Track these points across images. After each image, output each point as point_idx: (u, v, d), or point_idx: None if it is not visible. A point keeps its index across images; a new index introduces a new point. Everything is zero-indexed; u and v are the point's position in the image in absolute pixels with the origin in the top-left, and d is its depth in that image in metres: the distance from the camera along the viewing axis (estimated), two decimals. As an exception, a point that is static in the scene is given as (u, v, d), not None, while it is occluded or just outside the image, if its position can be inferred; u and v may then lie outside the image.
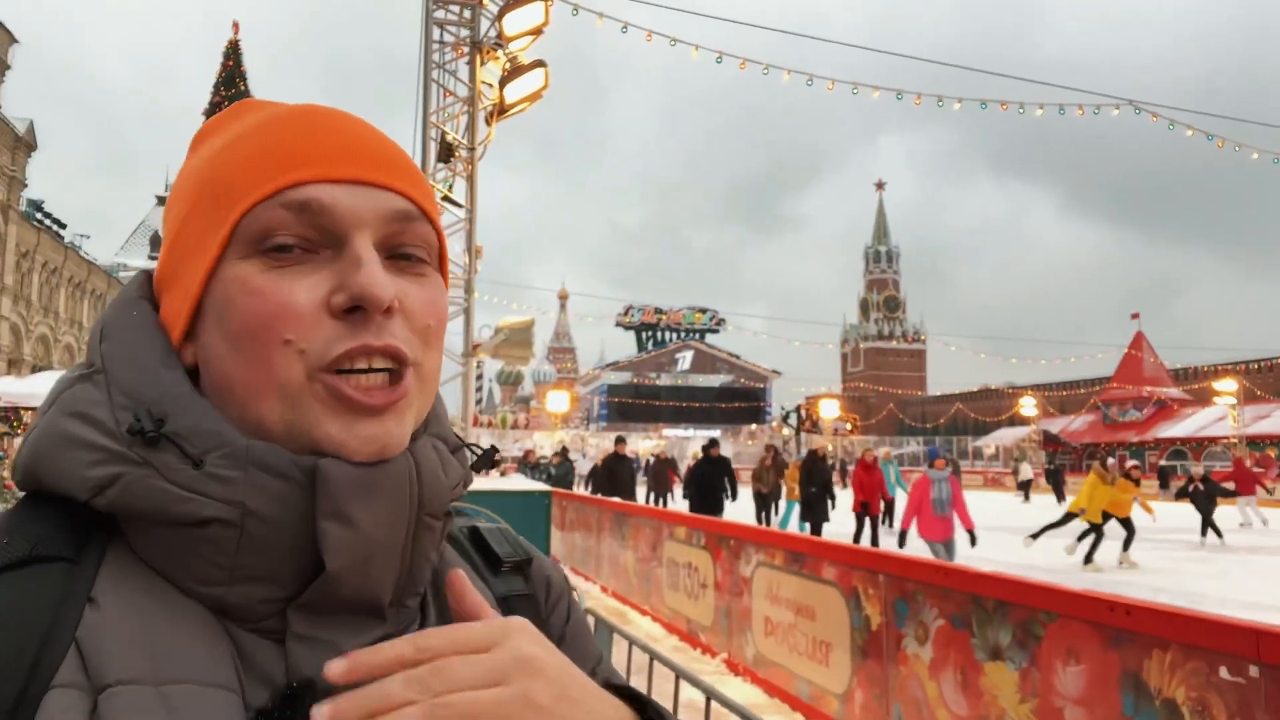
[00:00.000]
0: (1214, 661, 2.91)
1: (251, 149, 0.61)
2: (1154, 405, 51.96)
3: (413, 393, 0.60)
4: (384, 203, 0.60)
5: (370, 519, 0.57)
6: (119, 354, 0.61)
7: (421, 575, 0.64)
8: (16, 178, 42.72)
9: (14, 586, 0.54)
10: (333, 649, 0.56)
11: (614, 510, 10.99)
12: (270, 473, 0.56)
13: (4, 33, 40.57)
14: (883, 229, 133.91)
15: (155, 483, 0.55)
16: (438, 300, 0.64)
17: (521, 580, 0.77)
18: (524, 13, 8.44)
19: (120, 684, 0.51)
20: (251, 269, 0.58)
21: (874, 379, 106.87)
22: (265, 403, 0.57)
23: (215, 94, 27.62)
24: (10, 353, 41.91)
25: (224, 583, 0.56)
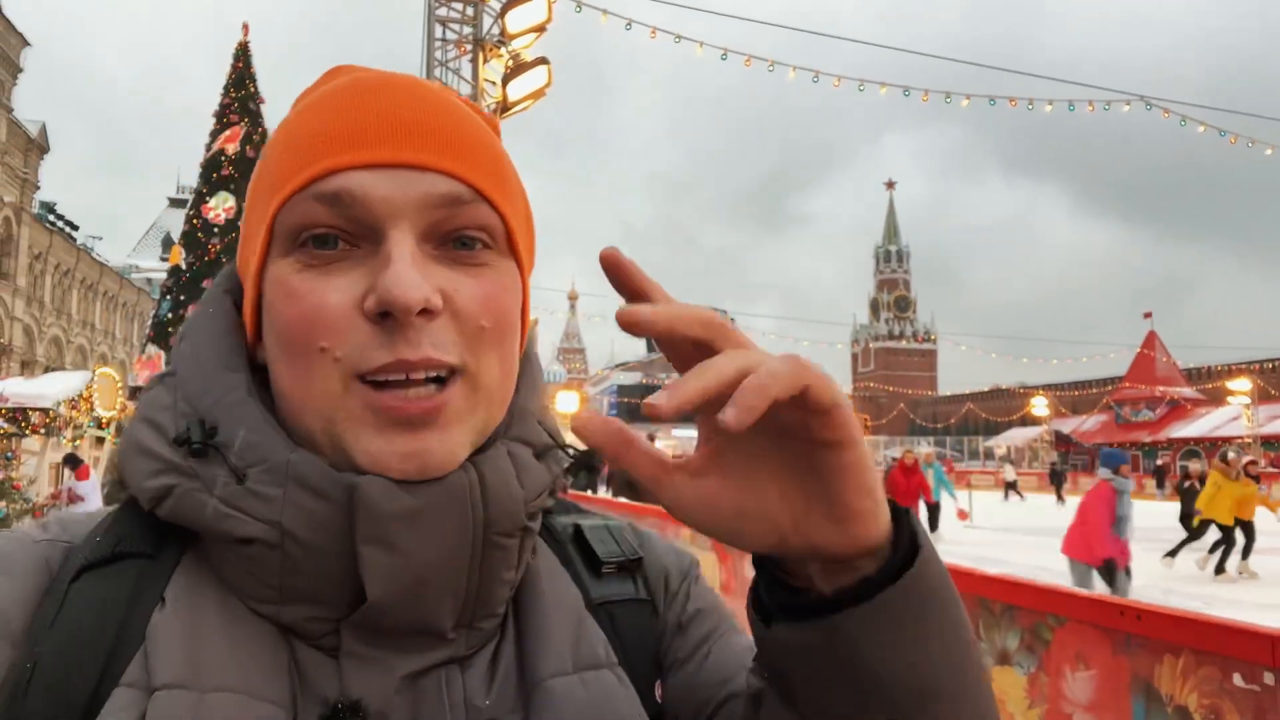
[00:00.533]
0: (1228, 668, 2.83)
1: (291, 136, 0.58)
2: (1167, 405, 51.63)
3: (463, 404, 0.55)
4: (425, 187, 0.55)
5: (418, 543, 0.53)
6: (190, 355, 0.60)
7: (495, 597, 0.59)
8: (29, 180, 43.02)
9: (97, 584, 0.54)
10: (385, 669, 0.55)
11: (618, 511, 10.95)
12: (309, 491, 0.53)
13: (16, 36, 40.85)
14: (893, 228, 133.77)
15: (201, 496, 0.54)
16: (498, 295, 0.57)
17: (631, 583, 0.70)
18: (526, 10, 8.39)
19: (169, 687, 0.50)
20: (289, 268, 0.55)
21: (885, 379, 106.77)
22: (308, 412, 0.55)
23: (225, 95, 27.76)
24: (23, 354, 42.21)
25: (275, 601, 0.55)
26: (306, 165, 0.55)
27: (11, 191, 41.01)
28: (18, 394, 12.95)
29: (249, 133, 26.16)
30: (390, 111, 0.56)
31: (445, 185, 0.55)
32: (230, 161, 25.25)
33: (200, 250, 24.17)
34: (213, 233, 24.38)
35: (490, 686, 0.59)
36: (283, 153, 0.57)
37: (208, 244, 24.14)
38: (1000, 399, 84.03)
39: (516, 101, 8.77)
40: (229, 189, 24.78)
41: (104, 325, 54.74)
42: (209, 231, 24.42)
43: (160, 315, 24.16)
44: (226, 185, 24.90)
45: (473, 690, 0.58)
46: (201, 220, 24.62)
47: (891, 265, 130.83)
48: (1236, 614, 3.64)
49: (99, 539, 0.57)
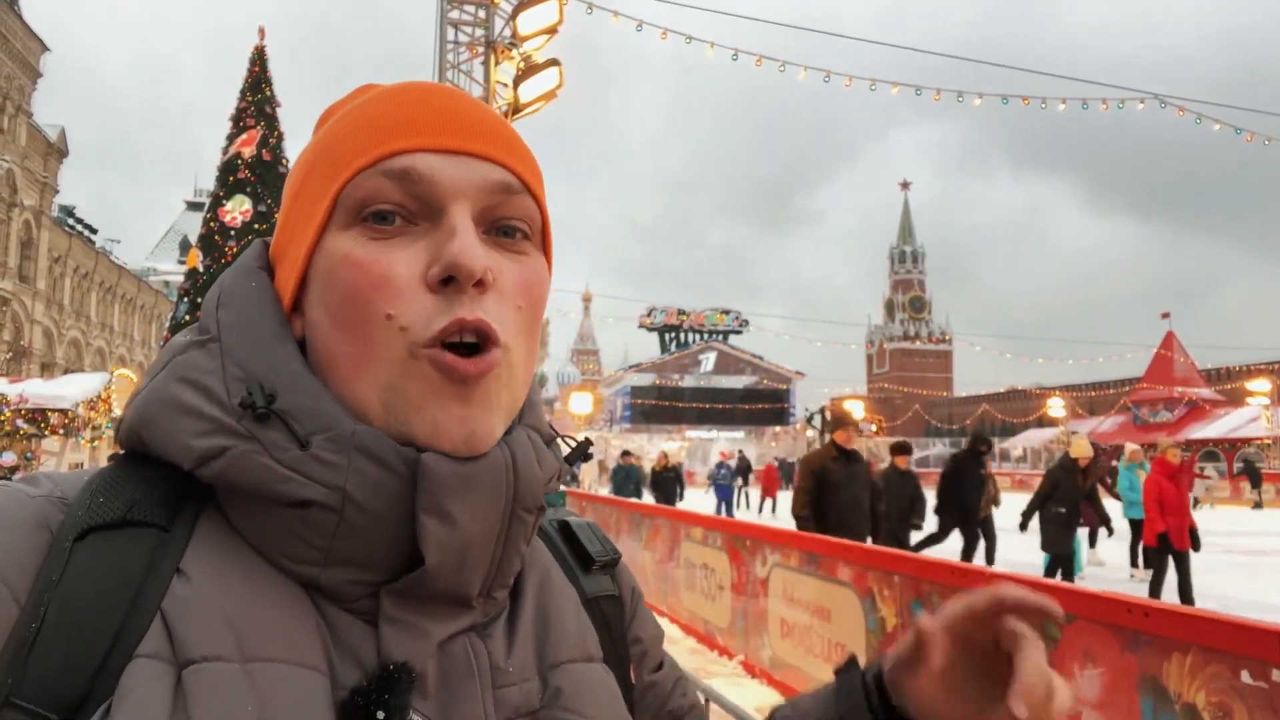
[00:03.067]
0: (1235, 665, 2.82)
1: (357, 122, 0.61)
2: (1185, 406, 51.14)
3: (501, 379, 0.59)
4: (484, 173, 0.60)
5: (468, 515, 0.56)
6: (235, 323, 0.60)
7: (511, 567, 0.63)
8: (48, 184, 43.43)
9: (105, 548, 0.54)
10: (423, 634, 0.57)
11: (630, 511, 10.95)
12: (374, 461, 0.55)
13: (36, 41, 41.26)
14: (908, 229, 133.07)
15: (260, 459, 0.55)
16: (534, 283, 0.62)
17: (609, 580, 0.76)
18: (538, 12, 8.42)
19: (206, 660, 0.50)
20: (352, 240, 0.58)
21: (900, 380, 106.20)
22: (365, 379, 0.57)
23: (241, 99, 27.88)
24: (43, 356, 42.59)
25: (318, 564, 0.56)
26: (377, 145, 0.59)
27: (31, 195, 41.41)
28: (37, 395, 13.09)
29: (265, 136, 26.29)
30: (453, 107, 0.62)
31: (500, 174, 0.60)
32: (247, 165, 25.40)
33: (217, 253, 24.30)
34: (229, 236, 24.51)
35: (510, 652, 0.62)
36: (349, 135, 0.61)
37: (224, 247, 24.28)
38: (1016, 400, 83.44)
39: (528, 103, 8.78)
40: (246, 192, 24.91)
41: (122, 328, 55.15)
42: (226, 234, 24.56)
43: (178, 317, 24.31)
44: (243, 188, 25.03)
45: (496, 656, 0.61)
46: (218, 223, 24.76)
47: (906, 266, 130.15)
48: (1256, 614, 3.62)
49: (103, 499, 0.57)
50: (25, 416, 12.44)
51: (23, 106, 40.57)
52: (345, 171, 0.59)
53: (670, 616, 8.82)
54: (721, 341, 77.51)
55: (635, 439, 53.40)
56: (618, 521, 11.20)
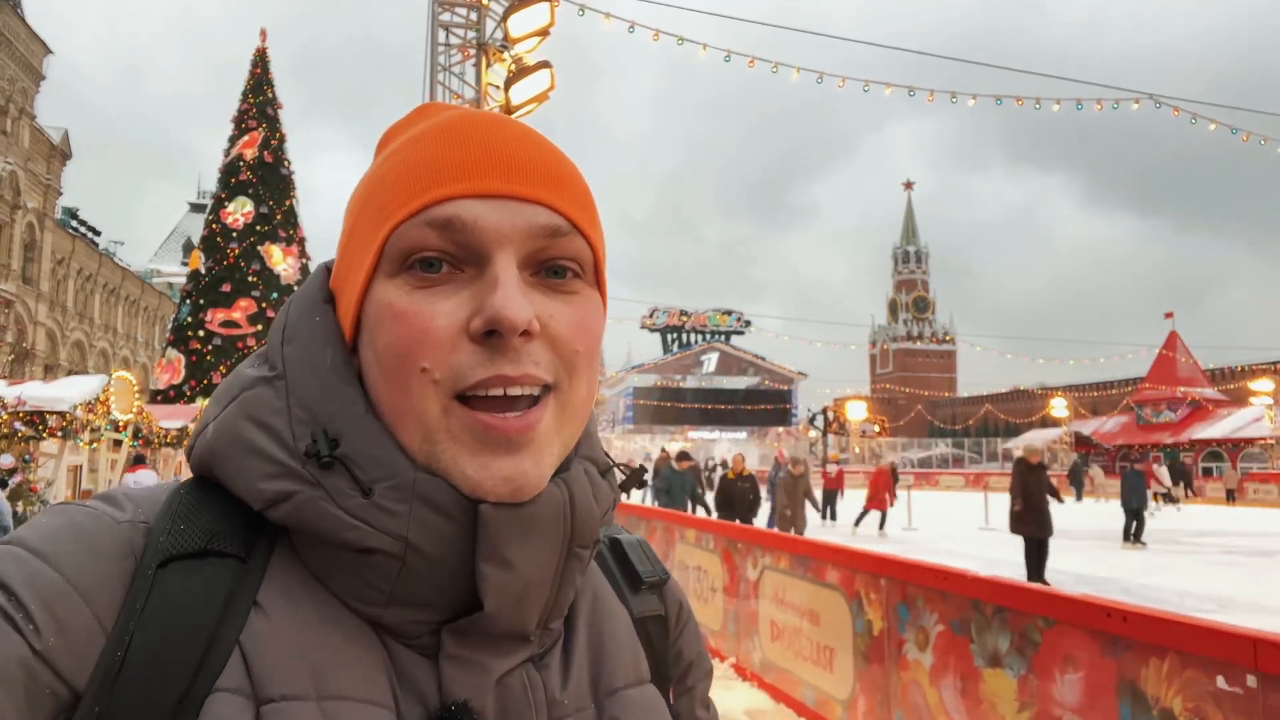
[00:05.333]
0: (1211, 670, 2.80)
1: (403, 165, 0.60)
2: (1188, 406, 51.00)
3: (553, 423, 0.58)
4: (529, 217, 0.58)
5: (526, 559, 0.57)
6: (300, 360, 0.61)
7: (566, 600, 0.63)
8: (52, 186, 43.51)
9: (188, 577, 0.55)
10: (482, 671, 0.58)
11: (626, 513, 10.95)
12: (434, 510, 0.56)
13: (39, 43, 41.34)
14: (911, 229, 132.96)
15: (325, 506, 0.55)
16: (589, 322, 0.61)
17: (656, 599, 0.76)
18: (529, 14, 8.41)
19: (285, 699, 0.51)
20: (397, 290, 0.58)
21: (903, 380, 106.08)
22: (407, 431, 0.57)
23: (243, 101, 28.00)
24: (46, 358, 42.67)
25: (381, 604, 0.57)
26: (420, 193, 0.58)
27: (35, 198, 41.49)
28: (35, 397, 13.10)
29: (267, 138, 26.38)
30: (498, 146, 0.60)
31: (546, 217, 0.59)
32: (249, 167, 25.48)
33: (219, 254, 24.35)
34: (231, 237, 24.58)
35: (565, 683, 0.63)
36: (395, 180, 0.60)
37: (226, 248, 24.32)
38: (1019, 400, 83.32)
39: (520, 105, 8.76)
40: (247, 193, 24.99)
41: (126, 329, 55.21)
42: (228, 236, 24.62)
43: (179, 319, 24.35)
44: (245, 190, 25.12)
45: (551, 686, 0.62)
46: (220, 225, 24.84)
47: (910, 266, 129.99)
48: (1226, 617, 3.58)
49: (183, 527, 0.57)
50: (23, 419, 12.46)
51: (25, 109, 40.66)
52: (390, 220, 0.58)
53: (664, 618, 8.82)
54: (723, 342, 77.46)
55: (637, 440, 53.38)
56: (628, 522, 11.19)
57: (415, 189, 0.59)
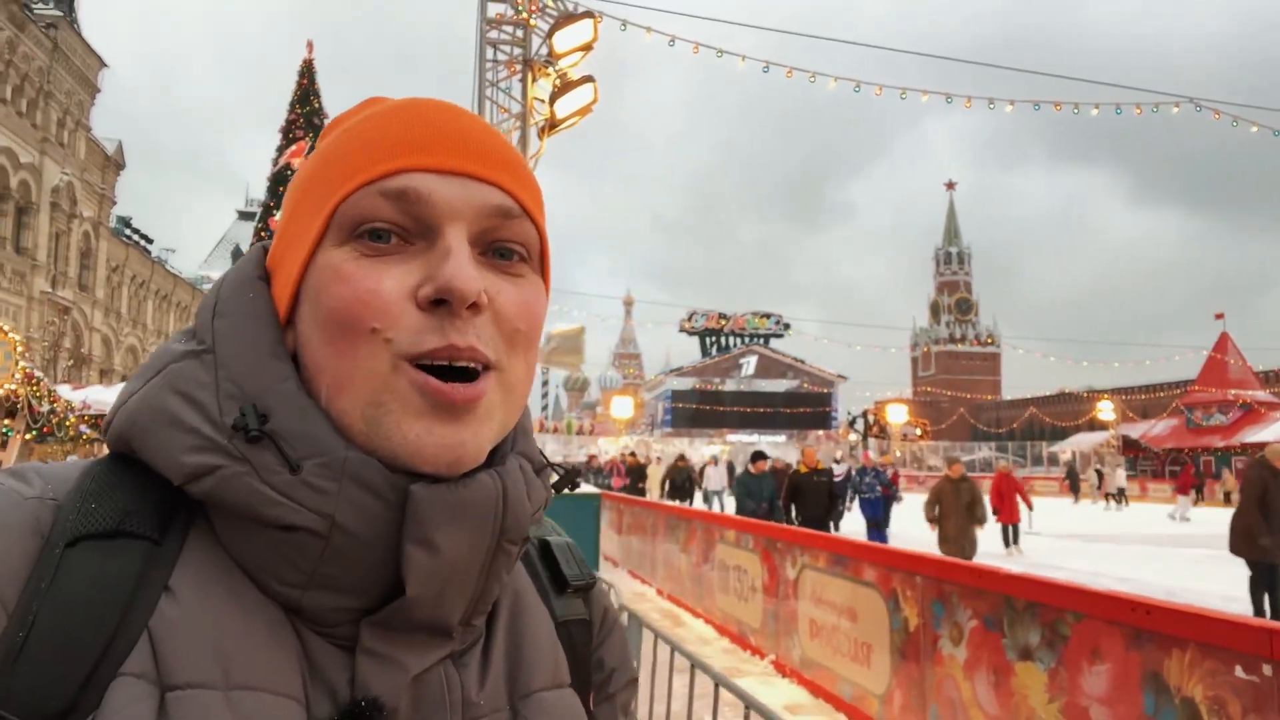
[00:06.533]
0: (1229, 660, 2.94)
1: (359, 138, 0.60)
2: (1240, 409, 49.94)
3: (494, 400, 0.59)
4: (482, 196, 0.59)
5: (453, 545, 0.56)
6: (231, 335, 0.60)
7: (491, 596, 0.63)
8: (106, 196, 44.81)
9: (97, 558, 0.53)
10: (399, 668, 0.57)
11: (667, 514, 11.15)
12: (364, 488, 0.55)
13: (94, 57, 42.62)
14: (953, 230, 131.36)
15: (250, 481, 0.54)
16: (532, 304, 0.61)
17: (581, 604, 0.75)
18: (573, 30, 8.71)
19: (190, 686, 0.50)
20: (344, 256, 0.57)
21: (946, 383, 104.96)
22: (349, 395, 0.56)
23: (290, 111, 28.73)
24: (101, 363, 43.90)
25: (301, 586, 0.56)
26: (373, 164, 0.58)
27: (90, 207, 42.75)
28: (99, 401, 13.66)
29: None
30: (453, 126, 0.61)
31: (499, 197, 0.60)
32: (295, 175, 26.19)
33: (267, 262, 25.05)
34: (279, 245, 25.27)
35: (482, 683, 0.62)
36: (348, 152, 0.60)
37: (274, 255, 25.01)
38: (1065, 403, 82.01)
39: (564, 118, 9.03)
40: (294, 202, 25.67)
41: (177, 334, 56.47)
42: (276, 243, 25.31)
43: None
44: (292, 198, 25.82)
45: (469, 687, 0.61)
46: (269, 233, 25.54)
47: (952, 267, 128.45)
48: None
49: (94, 505, 0.55)
50: (89, 422, 13.00)
51: (81, 121, 41.91)
52: (342, 188, 0.58)
53: (705, 617, 9.00)
54: (762, 345, 77.32)
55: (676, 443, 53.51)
56: (654, 524, 11.40)
57: (369, 160, 0.58)
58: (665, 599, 10.41)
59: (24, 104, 36.66)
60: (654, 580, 11.24)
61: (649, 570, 11.59)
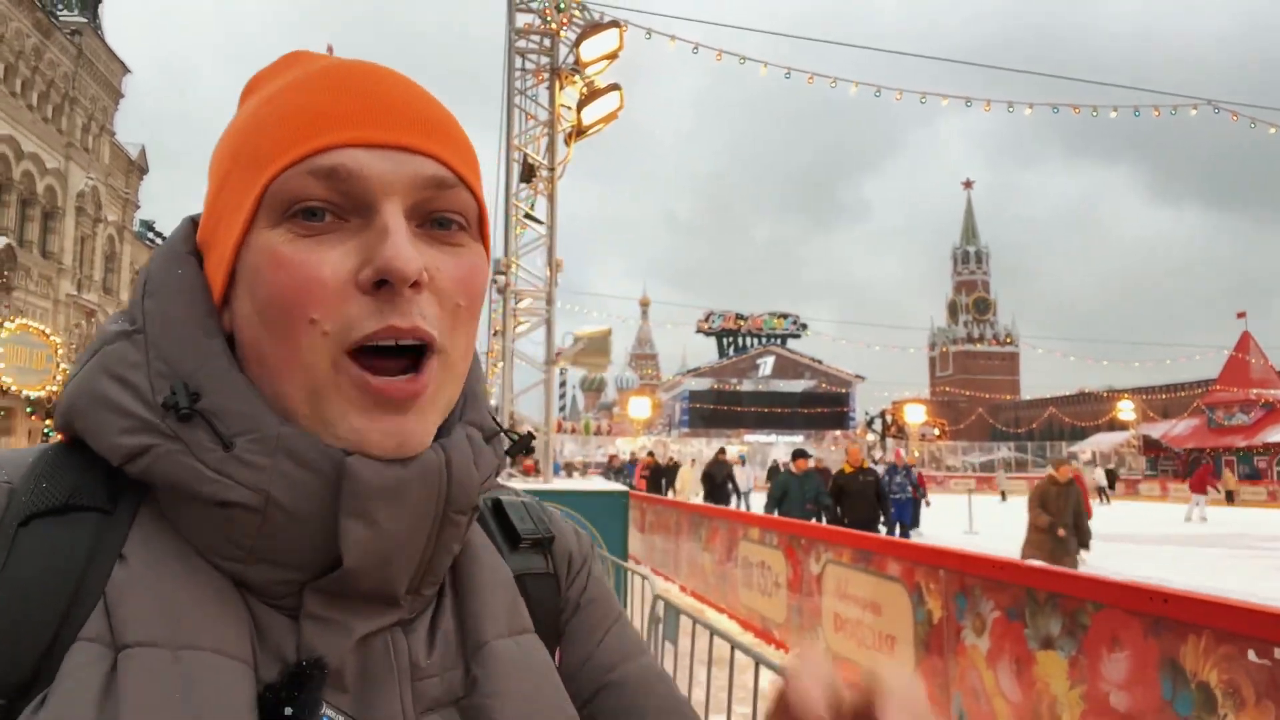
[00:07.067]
0: (1243, 645, 3.09)
1: (282, 110, 0.59)
2: (1262, 408, 49.60)
3: (437, 383, 0.58)
4: (416, 168, 0.58)
5: (393, 519, 0.56)
6: (161, 314, 0.59)
7: (442, 566, 0.63)
8: (130, 200, 45.40)
9: (49, 534, 0.54)
10: (345, 631, 0.57)
11: (690, 512, 11.32)
12: (299, 463, 0.55)
13: (118, 63, 43.20)
14: (971, 228, 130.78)
15: (184, 459, 0.55)
16: (473, 275, 0.61)
17: (541, 558, 0.75)
18: (599, 39, 8.93)
19: (140, 645, 0.51)
20: (279, 238, 0.56)
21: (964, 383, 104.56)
22: (290, 382, 0.56)
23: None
24: (126, 365, 44.37)
25: (242, 560, 0.56)
26: (301, 141, 0.56)
27: (115, 211, 43.34)
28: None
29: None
30: (382, 95, 0.59)
31: (433, 168, 0.58)
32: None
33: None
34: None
35: (431, 647, 0.63)
36: (274, 126, 0.58)
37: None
38: (1085, 403, 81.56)
39: (590, 125, 9.25)
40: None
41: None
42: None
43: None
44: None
45: (416, 651, 0.61)
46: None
47: (970, 266, 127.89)
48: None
49: (45, 485, 0.56)
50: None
51: (106, 126, 42.50)
52: (270, 168, 0.57)
53: (729, 613, 9.16)
54: (779, 345, 77.30)
55: (693, 443, 53.64)
56: (678, 522, 11.57)
57: (296, 136, 0.57)
58: (689, 595, 10.58)
59: (50, 110, 37.24)
60: (677, 577, 11.41)
61: (672, 568, 11.76)
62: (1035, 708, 4.18)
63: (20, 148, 34.41)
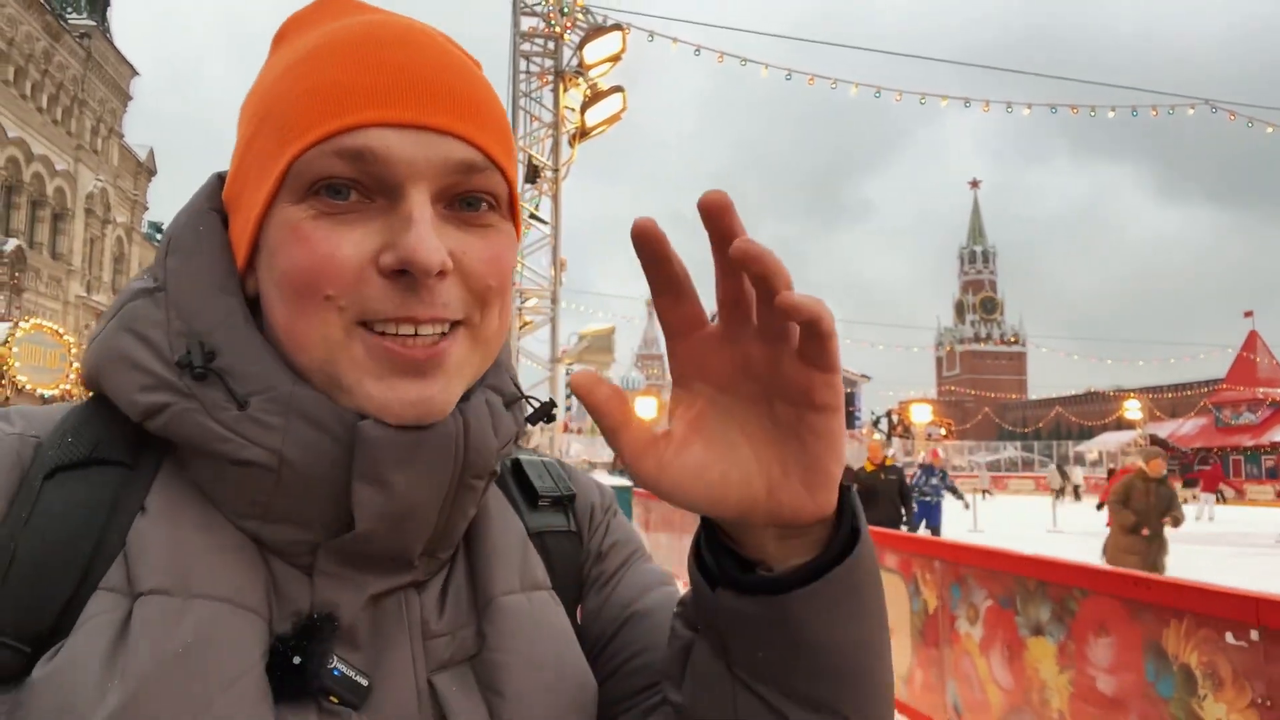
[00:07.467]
0: (1220, 628, 3.19)
1: (312, 81, 0.57)
2: (1269, 407, 49.51)
3: (463, 353, 0.58)
4: (445, 151, 0.56)
5: (407, 483, 0.56)
6: (182, 272, 0.59)
7: (457, 531, 0.63)
8: (139, 202, 45.70)
9: (73, 486, 0.55)
10: (358, 588, 0.58)
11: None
12: (311, 424, 0.55)
13: (126, 66, 43.48)
14: (978, 228, 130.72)
15: (199, 418, 0.55)
16: (501, 256, 0.60)
17: (562, 516, 0.75)
18: (603, 42, 9.07)
19: (154, 593, 0.52)
20: (301, 214, 0.55)
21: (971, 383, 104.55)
22: (307, 352, 0.56)
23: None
24: (135, 365, 44.63)
25: (258, 518, 0.57)
26: (328, 118, 0.55)
27: (123, 213, 43.62)
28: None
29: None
30: (416, 69, 0.57)
31: (463, 152, 0.57)
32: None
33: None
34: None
35: (442, 609, 0.63)
36: (301, 96, 0.56)
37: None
38: (1092, 403, 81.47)
39: (594, 126, 9.38)
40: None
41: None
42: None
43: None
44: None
45: (428, 612, 0.62)
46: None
47: (977, 266, 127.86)
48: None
49: (70, 440, 0.57)
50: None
51: (114, 128, 42.79)
52: (297, 143, 0.55)
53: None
54: (786, 345, 76.98)
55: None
56: (683, 519, 11.67)
57: (324, 112, 0.55)
58: (692, 591, 10.66)
59: (59, 112, 37.53)
60: (682, 574, 11.48)
61: (677, 565, 11.86)
62: (1026, 693, 4.30)
63: (30, 150, 34.69)
